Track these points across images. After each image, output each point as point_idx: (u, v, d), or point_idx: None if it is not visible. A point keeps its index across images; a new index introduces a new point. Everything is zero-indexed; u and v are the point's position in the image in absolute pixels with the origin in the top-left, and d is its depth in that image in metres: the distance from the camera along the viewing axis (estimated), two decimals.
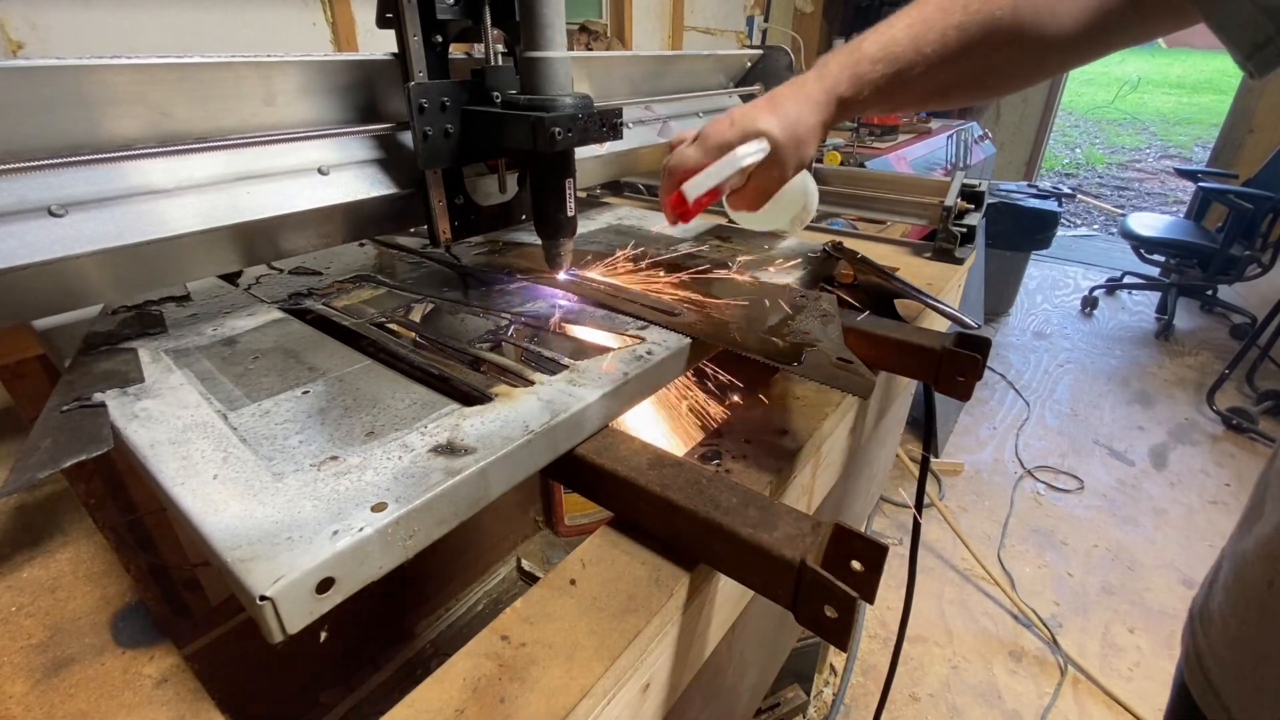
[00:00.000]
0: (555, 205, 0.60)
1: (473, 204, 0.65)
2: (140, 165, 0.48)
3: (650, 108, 0.92)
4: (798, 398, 0.59)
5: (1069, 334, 3.33)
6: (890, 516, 2.08)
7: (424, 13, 0.54)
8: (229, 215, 0.51)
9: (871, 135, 2.55)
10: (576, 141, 0.54)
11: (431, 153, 0.58)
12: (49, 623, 0.35)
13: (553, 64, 0.54)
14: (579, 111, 0.54)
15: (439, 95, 0.57)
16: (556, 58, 0.54)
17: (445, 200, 0.62)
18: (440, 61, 0.58)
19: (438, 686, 0.33)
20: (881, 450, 1.08)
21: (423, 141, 0.57)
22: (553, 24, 0.53)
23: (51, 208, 0.44)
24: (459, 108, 0.58)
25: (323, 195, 0.57)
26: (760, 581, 0.37)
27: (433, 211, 0.62)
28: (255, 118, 0.54)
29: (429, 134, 0.57)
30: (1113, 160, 7.63)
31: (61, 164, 0.44)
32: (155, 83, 0.48)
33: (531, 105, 0.54)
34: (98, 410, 0.41)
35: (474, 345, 0.51)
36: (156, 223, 0.48)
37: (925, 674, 1.58)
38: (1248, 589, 0.50)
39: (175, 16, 1.29)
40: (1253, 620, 0.49)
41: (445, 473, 0.35)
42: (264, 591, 0.28)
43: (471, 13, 0.57)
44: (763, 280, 0.68)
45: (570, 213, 0.61)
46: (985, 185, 0.88)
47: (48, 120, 0.44)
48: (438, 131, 0.57)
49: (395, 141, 0.62)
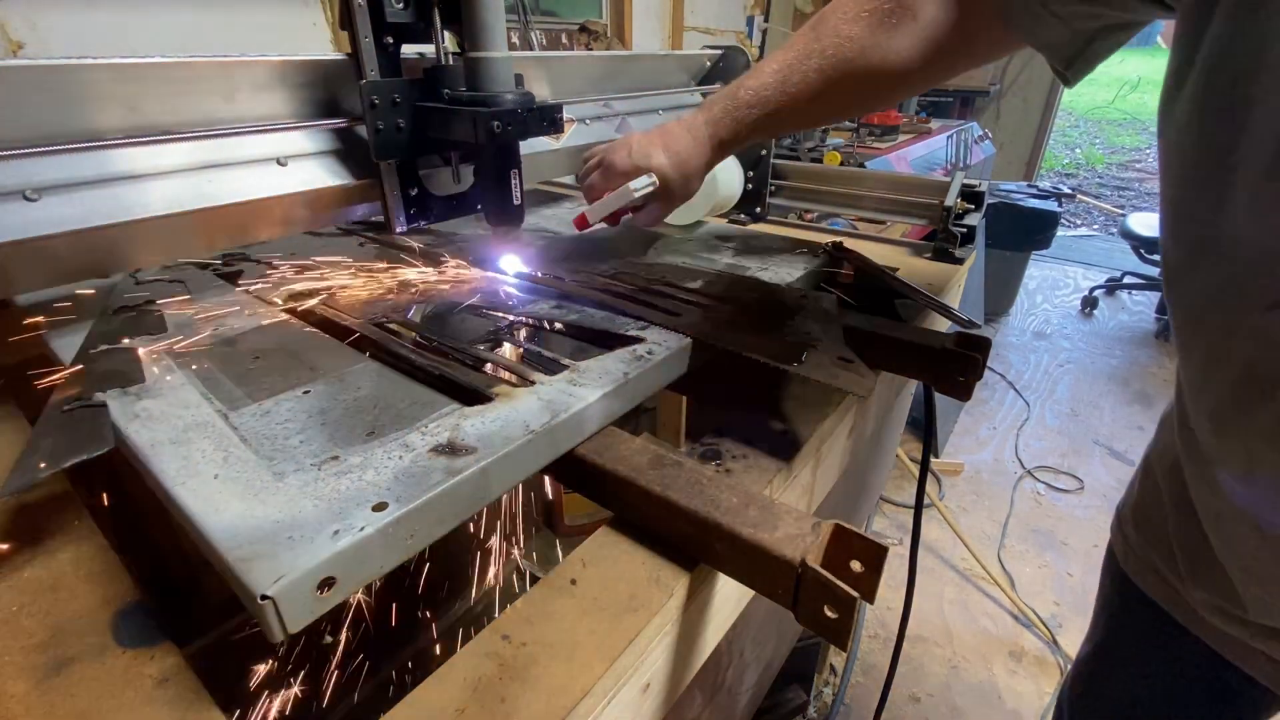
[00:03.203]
0: (502, 194, 0.64)
1: (427, 194, 0.70)
2: (109, 155, 0.53)
3: (609, 105, 0.96)
4: (798, 398, 0.59)
5: (1069, 334, 3.33)
6: (890, 516, 2.08)
7: (375, 16, 0.59)
8: (194, 201, 0.56)
9: (871, 135, 2.55)
10: (517, 134, 0.59)
11: (383, 145, 0.62)
12: (50, 622, 0.35)
13: (494, 63, 0.58)
14: (519, 106, 0.58)
15: (390, 92, 0.61)
16: (498, 57, 0.58)
17: (400, 190, 0.67)
18: (392, 61, 0.62)
19: (438, 686, 0.33)
20: (881, 450, 1.08)
21: (376, 134, 0.61)
22: (493, 26, 0.57)
23: (26, 192, 0.49)
24: (410, 104, 0.63)
25: (284, 183, 0.61)
26: (760, 581, 0.37)
27: (387, 200, 0.67)
28: (218, 112, 0.59)
29: (381, 128, 0.62)
30: (1113, 160, 7.63)
31: (35, 153, 0.49)
32: (125, 80, 0.53)
33: (474, 101, 0.58)
34: (98, 410, 0.41)
35: (474, 345, 0.51)
36: (123, 207, 0.53)
37: (925, 674, 1.58)
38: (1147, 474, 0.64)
39: (175, 16, 1.29)
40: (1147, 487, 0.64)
41: (446, 472, 0.35)
42: (265, 591, 0.28)
43: (422, 16, 0.61)
44: (763, 280, 0.68)
45: (517, 201, 0.65)
46: (985, 185, 0.88)
47: (23, 113, 0.49)
48: (390, 126, 0.62)
49: (353, 135, 0.67)
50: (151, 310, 0.57)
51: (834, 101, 0.63)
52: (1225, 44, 0.36)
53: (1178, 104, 0.40)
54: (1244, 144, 0.36)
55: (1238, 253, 0.39)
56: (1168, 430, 0.60)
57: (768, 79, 0.62)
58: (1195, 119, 0.39)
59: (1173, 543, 0.58)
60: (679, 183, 0.65)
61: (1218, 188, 0.39)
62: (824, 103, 0.62)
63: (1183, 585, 0.58)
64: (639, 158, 0.64)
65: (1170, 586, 0.60)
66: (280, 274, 0.66)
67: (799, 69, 0.61)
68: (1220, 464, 0.48)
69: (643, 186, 0.63)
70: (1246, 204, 0.37)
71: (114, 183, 0.53)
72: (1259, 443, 0.43)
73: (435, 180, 0.71)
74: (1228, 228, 0.39)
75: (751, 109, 0.63)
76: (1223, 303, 0.41)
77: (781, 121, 0.64)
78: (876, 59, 0.59)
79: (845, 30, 0.59)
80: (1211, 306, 0.43)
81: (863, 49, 0.59)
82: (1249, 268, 0.38)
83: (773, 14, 3.17)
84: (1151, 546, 0.62)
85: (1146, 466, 0.65)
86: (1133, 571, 0.65)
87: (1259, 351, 0.40)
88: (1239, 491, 0.47)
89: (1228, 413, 0.45)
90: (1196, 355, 0.46)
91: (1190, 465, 0.53)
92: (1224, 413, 0.45)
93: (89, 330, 0.52)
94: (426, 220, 0.71)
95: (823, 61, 0.60)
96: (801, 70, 0.61)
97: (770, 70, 0.62)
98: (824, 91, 0.61)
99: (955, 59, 0.60)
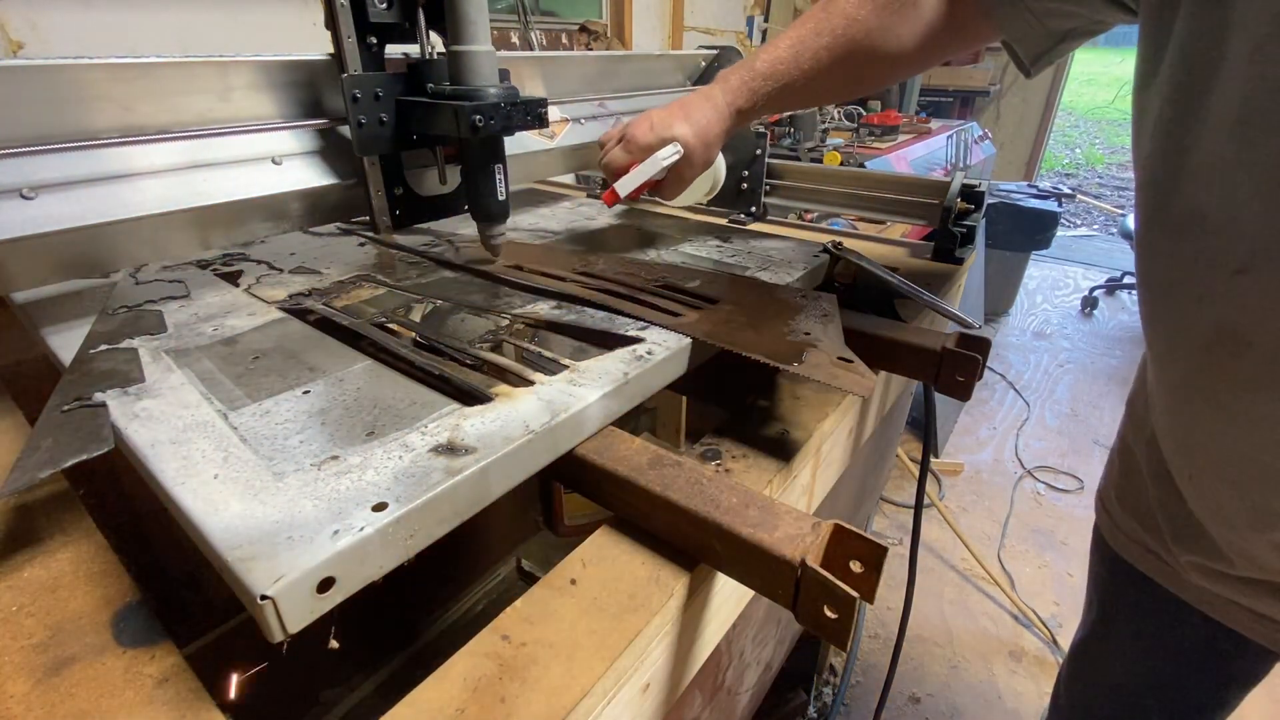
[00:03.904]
0: (487, 191, 0.63)
1: (413, 194, 0.70)
2: (105, 153, 0.54)
3: (604, 104, 0.96)
4: (798, 398, 0.59)
5: (1069, 334, 3.33)
6: (890, 516, 2.08)
7: (358, 16, 0.59)
8: (186, 200, 0.57)
9: (871, 135, 2.55)
10: (500, 129, 0.58)
11: (366, 139, 0.63)
12: (49, 622, 0.35)
13: (477, 57, 0.58)
14: (502, 100, 0.58)
15: (372, 86, 0.61)
16: (480, 50, 0.58)
17: (384, 190, 0.67)
18: (376, 60, 0.62)
19: (438, 686, 0.33)
20: (881, 450, 1.08)
21: (358, 129, 0.62)
22: (476, 20, 0.57)
23: (23, 191, 0.49)
24: (393, 98, 0.63)
25: (273, 182, 0.62)
26: (760, 581, 0.37)
27: (373, 200, 0.67)
28: (211, 112, 0.60)
29: (363, 122, 0.62)
30: (1113, 160, 7.63)
31: (32, 152, 0.50)
32: (118, 80, 0.54)
33: (456, 95, 0.58)
34: (98, 410, 0.41)
35: (474, 345, 0.51)
36: (119, 205, 0.53)
37: (925, 674, 1.58)
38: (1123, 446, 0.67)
39: (175, 17, 1.29)
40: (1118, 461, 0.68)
41: (446, 472, 0.35)
42: (265, 591, 0.28)
43: (406, 14, 0.62)
44: (763, 280, 0.68)
45: (502, 198, 0.64)
46: (985, 185, 0.87)
47: (20, 112, 0.50)
48: (372, 120, 0.62)
49: (338, 135, 0.67)
50: (151, 310, 0.57)
51: (837, 78, 0.67)
52: (1190, 37, 0.40)
53: (1149, 94, 0.45)
54: (1209, 120, 0.40)
55: (1203, 224, 0.42)
56: (1141, 406, 0.63)
57: (783, 52, 0.65)
58: (1164, 105, 0.43)
59: (1156, 514, 0.61)
60: (700, 150, 0.67)
61: (1185, 163, 0.42)
62: (829, 79, 0.66)
63: (1168, 553, 0.60)
64: (661, 129, 0.65)
65: (1156, 556, 0.62)
66: (280, 274, 0.66)
67: (811, 45, 0.64)
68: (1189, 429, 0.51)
69: (669, 155, 0.65)
70: (1209, 177, 0.41)
71: (110, 181, 0.54)
72: (1230, 398, 0.46)
73: (422, 181, 0.72)
74: (1194, 201, 0.42)
75: (768, 80, 0.66)
76: (1192, 272, 0.45)
77: (793, 94, 0.67)
78: (880, 41, 0.63)
79: (854, 12, 0.63)
80: (1181, 278, 0.46)
81: (868, 31, 0.63)
82: (1213, 237, 0.42)
83: (773, 14, 3.17)
84: (1135, 519, 0.64)
85: (1123, 444, 0.67)
86: (1119, 547, 0.67)
87: (1228, 314, 0.43)
88: (1210, 449, 0.50)
89: (1197, 377, 0.48)
90: (1164, 327, 0.50)
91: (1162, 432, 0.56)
92: (1193, 378, 0.48)
93: (89, 329, 0.52)
94: (413, 221, 0.71)
95: (832, 40, 0.63)
96: (813, 47, 0.64)
97: (785, 45, 0.65)
98: (831, 68, 0.65)
99: (946, 46, 0.65)
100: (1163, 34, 0.42)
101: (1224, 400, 0.46)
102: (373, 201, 0.67)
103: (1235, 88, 0.38)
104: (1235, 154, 0.39)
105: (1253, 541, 0.51)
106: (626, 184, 0.66)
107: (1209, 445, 0.50)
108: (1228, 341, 0.44)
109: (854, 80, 0.68)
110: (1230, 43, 0.37)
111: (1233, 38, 0.37)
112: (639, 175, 0.65)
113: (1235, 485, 0.49)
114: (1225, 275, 0.42)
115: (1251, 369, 0.43)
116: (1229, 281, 0.42)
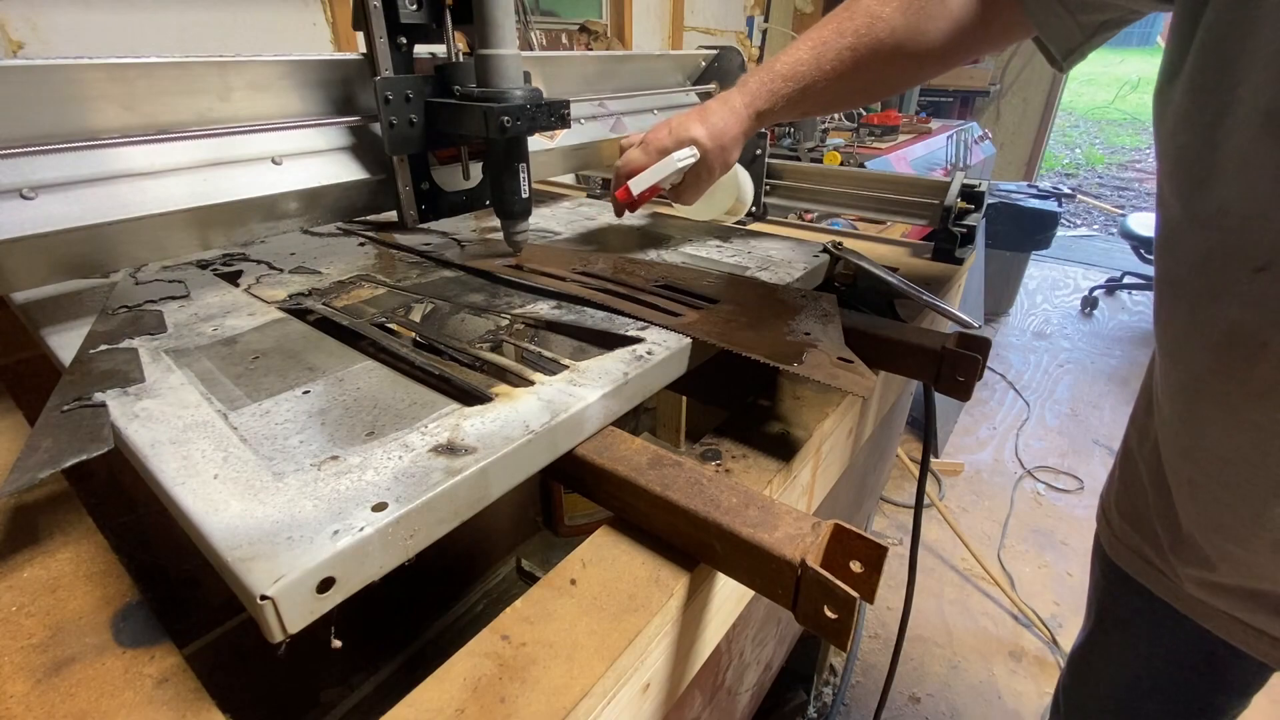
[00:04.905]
0: (511, 188, 0.65)
1: (438, 189, 0.72)
2: (105, 153, 0.54)
3: (604, 104, 0.97)
4: (798, 398, 0.59)
5: (1069, 334, 3.32)
6: (890, 516, 2.08)
7: (389, 17, 0.61)
8: (196, 199, 0.57)
9: (871, 135, 2.55)
10: (526, 129, 0.60)
11: (397, 140, 0.65)
12: (49, 622, 0.35)
13: (504, 60, 0.60)
14: (527, 102, 0.59)
15: (403, 88, 0.63)
16: (507, 54, 0.60)
17: (412, 185, 0.69)
18: (406, 60, 0.64)
19: (438, 686, 0.33)
20: (881, 450, 1.08)
21: (389, 129, 0.63)
22: (503, 24, 0.58)
23: (23, 191, 0.49)
24: (422, 100, 0.65)
25: (300, 179, 0.64)
26: (760, 581, 0.37)
27: (401, 196, 0.69)
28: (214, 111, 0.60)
29: (394, 123, 0.64)
30: (1113, 160, 7.62)
31: (32, 152, 0.50)
32: (118, 80, 0.54)
33: (484, 97, 0.60)
34: (98, 410, 0.41)
35: (474, 345, 0.51)
36: (120, 205, 0.53)
37: (925, 674, 1.58)
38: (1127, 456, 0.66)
39: (175, 17, 1.29)
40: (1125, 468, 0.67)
41: (446, 472, 0.35)
42: (265, 591, 0.28)
43: (434, 16, 0.64)
44: (763, 280, 0.68)
45: (525, 195, 0.66)
46: (985, 185, 0.87)
47: (20, 112, 0.50)
48: (402, 121, 0.64)
49: (368, 132, 0.69)
50: (151, 310, 0.57)
51: (861, 80, 0.65)
52: (1218, 30, 0.39)
53: (1174, 88, 0.43)
54: (1236, 114, 0.39)
55: (1225, 221, 0.41)
56: (1143, 412, 0.62)
57: (804, 54, 0.64)
58: (1189, 98, 0.42)
59: (1156, 524, 0.60)
60: (716, 152, 0.67)
61: (1207, 159, 0.41)
62: (852, 81, 0.65)
63: (1167, 565, 0.60)
64: (679, 132, 0.66)
65: (1156, 569, 0.62)
66: (280, 274, 0.66)
67: (833, 46, 0.63)
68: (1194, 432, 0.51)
69: (684, 157, 0.66)
70: (1233, 172, 0.40)
71: (110, 181, 0.54)
72: (1241, 402, 0.45)
73: (445, 177, 0.73)
74: (1216, 197, 0.42)
75: (788, 81, 0.65)
76: (1208, 269, 0.44)
77: (815, 97, 0.66)
78: (905, 40, 0.62)
79: (878, 11, 0.62)
80: (1197, 273, 0.45)
81: (893, 30, 0.61)
82: (1235, 234, 0.41)
83: (773, 14, 3.17)
84: (1136, 530, 0.64)
85: (1125, 453, 0.67)
86: (1119, 558, 0.67)
87: (1245, 313, 0.42)
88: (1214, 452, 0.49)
89: (1207, 378, 0.47)
90: (1176, 324, 0.49)
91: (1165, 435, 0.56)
92: (1203, 378, 0.47)
93: (88, 329, 0.52)
94: (438, 215, 0.73)
95: (856, 40, 0.62)
96: (835, 48, 0.63)
97: (806, 46, 0.65)
98: (854, 70, 0.64)
99: (974, 44, 0.63)
100: (1191, 25, 0.41)
101: (1233, 402, 0.45)
102: (401, 196, 0.69)
103: (1263, 82, 0.37)
104: (1262, 149, 0.38)
105: (1250, 546, 0.50)
106: (640, 182, 0.67)
107: (1213, 448, 0.49)
108: (1241, 342, 0.43)
109: (878, 81, 0.67)
110: (1259, 36, 0.37)
111: (1262, 31, 0.36)
112: (652, 175, 0.67)
113: (1237, 490, 0.48)
114: (1245, 273, 0.41)
115: (1265, 371, 0.42)
116: (1248, 279, 0.41)
